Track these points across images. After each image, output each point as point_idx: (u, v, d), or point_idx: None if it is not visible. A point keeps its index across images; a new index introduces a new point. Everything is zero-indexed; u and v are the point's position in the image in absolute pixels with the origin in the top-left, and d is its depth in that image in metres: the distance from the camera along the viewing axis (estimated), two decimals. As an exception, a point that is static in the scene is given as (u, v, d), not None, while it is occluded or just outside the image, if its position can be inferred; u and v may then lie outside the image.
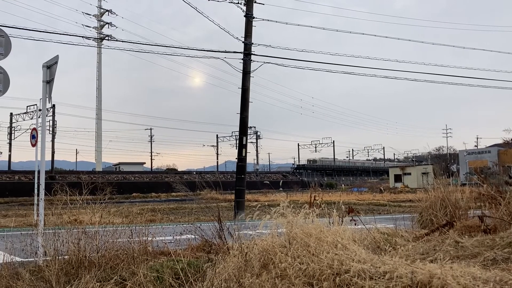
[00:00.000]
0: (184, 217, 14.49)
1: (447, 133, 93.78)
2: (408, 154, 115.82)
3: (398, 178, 53.68)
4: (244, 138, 17.60)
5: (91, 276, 4.60)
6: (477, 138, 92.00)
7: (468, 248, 4.78)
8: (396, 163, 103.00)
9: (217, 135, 77.22)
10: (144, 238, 5.87)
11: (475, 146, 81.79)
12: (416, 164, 67.98)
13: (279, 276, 3.88)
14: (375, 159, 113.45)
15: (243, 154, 17.50)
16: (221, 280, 4.05)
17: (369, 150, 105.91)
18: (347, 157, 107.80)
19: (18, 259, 5.50)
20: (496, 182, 7.55)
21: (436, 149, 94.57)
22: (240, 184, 17.16)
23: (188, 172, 64.08)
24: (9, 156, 55.59)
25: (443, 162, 66.14)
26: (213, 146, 77.30)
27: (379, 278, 3.43)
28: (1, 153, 65.90)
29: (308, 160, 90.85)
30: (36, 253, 5.63)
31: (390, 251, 4.53)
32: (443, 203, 7.12)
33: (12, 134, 54.19)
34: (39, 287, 4.65)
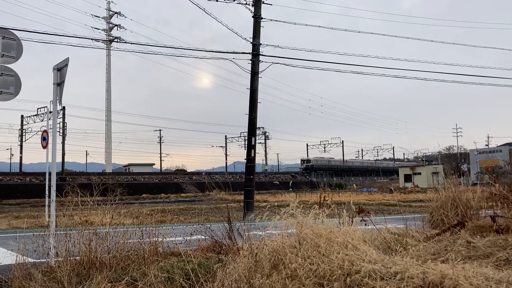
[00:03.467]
0: (194, 217, 14.53)
1: (457, 132, 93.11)
2: (418, 154, 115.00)
3: (408, 178, 53.37)
4: (253, 139, 17.60)
5: (102, 276, 4.63)
6: (488, 137, 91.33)
7: (480, 248, 4.74)
8: (406, 162, 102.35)
9: (225, 135, 77.43)
10: (154, 238, 5.90)
11: (486, 145, 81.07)
12: (426, 163, 67.50)
13: (290, 276, 3.87)
14: (384, 159, 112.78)
15: (252, 155, 17.51)
16: (232, 280, 4.05)
17: (378, 150, 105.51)
18: (356, 157, 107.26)
19: (30, 260, 5.56)
20: (508, 181, 7.47)
21: (446, 149, 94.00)
22: (249, 184, 17.17)
23: (197, 173, 64.25)
24: (21, 158, 56.15)
25: (454, 162, 65.64)
26: (222, 147, 77.48)
27: (390, 278, 3.41)
28: (13, 155, 66.60)
29: (301, 160, 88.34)
30: (48, 254, 5.69)
31: (401, 252, 4.50)
32: (454, 203, 7.06)
33: (23, 136, 54.72)
34: (51, 287, 4.69)
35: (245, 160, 17.92)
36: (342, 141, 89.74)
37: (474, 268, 3.46)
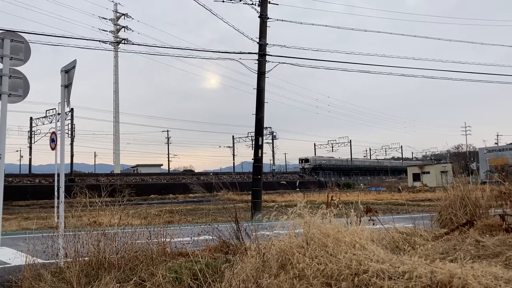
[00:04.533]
0: (202, 218, 14.56)
1: (466, 131, 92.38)
2: (427, 153, 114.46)
3: (416, 177, 53.07)
4: (260, 139, 17.60)
5: (111, 277, 4.66)
6: (497, 135, 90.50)
7: (489, 247, 4.70)
8: (414, 161, 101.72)
9: (233, 136, 77.53)
10: (162, 239, 5.92)
11: (496, 143, 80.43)
12: (435, 162, 67.09)
13: (297, 276, 3.87)
14: (393, 158, 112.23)
15: (259, 155, 17.51)
16: (239, 280, 4.06)
17: (386, 149, 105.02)
18: (364, 156, 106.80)
19: (40, 260, 5.60)
20: (517, 180, 7.39)
21: (455, 147, 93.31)
22: (257, 184, 17.17)
23: (205, 173, 64.36)
24: (30, 159, 56.66)
25: (463, 161, 65.16)
26: (229, 147, 77.63)
27: (398, 278, 3.40)
28: (22, 156, 67.19)
29: (300, 160, 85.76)
30: (57, 254, 5.73)
31: (409, 251, 4.48)
32: (462, 202, 7.01)
33: (32, 138, 55.17)
34: (61, 288, 4.72)
35: (253, 160, 17.93)
36: (350, 140, 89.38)
37: (483, 268, 3.43)
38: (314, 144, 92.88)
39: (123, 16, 57.54)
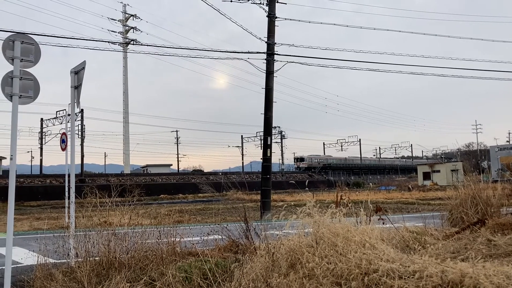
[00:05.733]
0: (211, 217, 14.59)
1: (476, 129, 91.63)
2: (437, 151, 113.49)
3: (426, 176, 52.66)
4: (269, 138, 17.59)
5: (121, 276, 4.69)
6: (509, 133, 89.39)
7: (501, 246, 4.66)
8: (424, 160, 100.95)
9: (241, 135, 77.49)
10: (172, 239, 5.94)
11: (507, 141, 79.52)
12: (445, 161, 66.54)
13: (307, 276, 3.87)
14: (403, 157, 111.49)
15: (268, 154, 17.49)
16: (249, 280, 4.06)
17: (396, 148, 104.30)
18: (374, 155, 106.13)
19: (51, 260, 5.65)
20: (529, 178, 7.32)
21: (466, 146, 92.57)
22: (266, 184, 17.16)
23: (214, 173, 64.48)
24: (41, 160, 57.14)
25: (473, 159, 64.58)
26: (238, 146, 77.57)
27: (408, 277, 3.38)
28: (33, 157, 67.87)
29: (295, 159, 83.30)
30: (68, 254, 5.78)
31: (419, 250, 4.45)
32: (473, 201, 6.95)
33: (43, 139, 55.65)
34: (72, 287, 4.76)
35: (261, 160, 17.92)
36: (360, 139, 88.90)
37: (495, 267, 3.40)
38: (323, 143, 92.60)
39: (131, 17, 57.87)
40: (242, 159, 76.68)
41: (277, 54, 17.38)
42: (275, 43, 17.32)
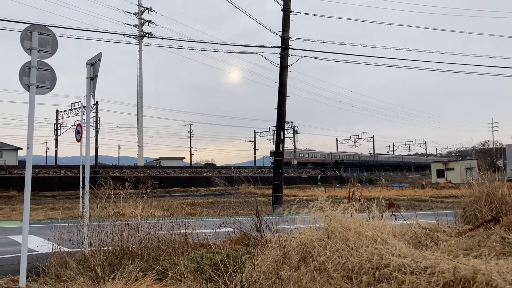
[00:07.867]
0: (223, 210, 14.65)
1: (492, 127, 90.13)
2: (451, 149, 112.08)
3: (440, 173, 52.13)
4: (282, 133, 17.57)
5: (134, 266, 4.75)
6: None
7: (515, 244, 4.61)
8: (438, 158, 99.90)
9: (254, 130, 77.49)
10: (184, 230, 5.99)
11: (524, 140, 78.20)
12: (460, 159, 65.73)
13: (318, 269, 3.88)
14: (416, 154, 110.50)
15: (281, 149, 17.48)
16: (260, 272, 4.08)
17: (410, 145, 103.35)
18: (387, 151, 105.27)
19: (65, 249, 5.74)
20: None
21: (481, 144, 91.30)
22: (278, 178, 17.16)
23: (227, 167, 64.66)
24: (56, 151, 57.97)
25: (489, 157, 63.66)
26: (250, 141, 77.64)
27: (420, 273, 3.37)
28: (49, 148, 68.79)
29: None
30: (82, 243, 5.87)
31: (431, 246, 4.43)
32: (488, 198, 6.88)
33: (58, 130, 56.33)
34: (85, 275, 4.84)
35: (274, 155, 17.90)
36: (373, 135, 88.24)
37: (509, 264, 3.37)
38: (336, 139, 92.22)
39: (147, 10, 58.03)
40: (255, 154, 76.75)
41: (291, 49, 17.33)
42: (290, 37, 17.26)
